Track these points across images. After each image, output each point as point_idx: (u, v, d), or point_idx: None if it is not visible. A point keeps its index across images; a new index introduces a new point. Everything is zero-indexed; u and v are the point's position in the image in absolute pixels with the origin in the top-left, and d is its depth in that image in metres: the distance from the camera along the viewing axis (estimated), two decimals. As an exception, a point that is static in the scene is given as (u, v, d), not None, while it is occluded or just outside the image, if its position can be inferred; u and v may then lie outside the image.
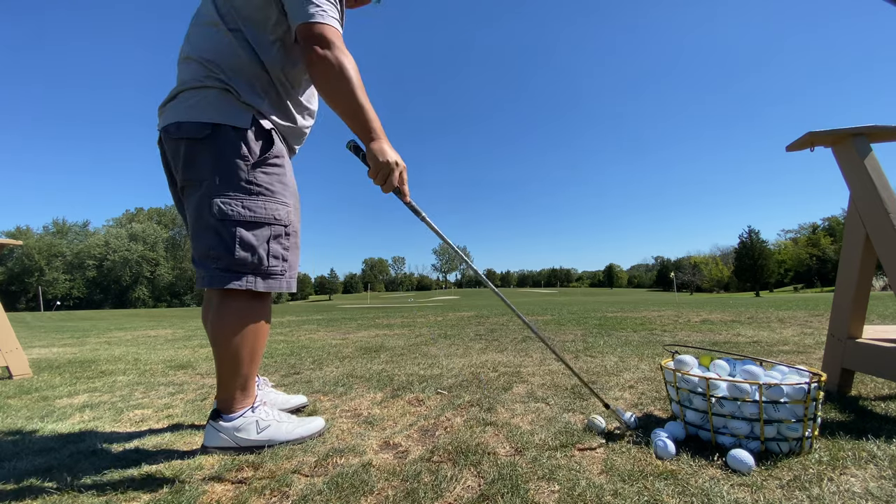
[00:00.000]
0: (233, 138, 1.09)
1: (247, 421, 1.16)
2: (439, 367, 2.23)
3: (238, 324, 1.13)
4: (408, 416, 1.42)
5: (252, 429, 1.16)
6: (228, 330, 1.12)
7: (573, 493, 0.85)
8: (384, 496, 0.87)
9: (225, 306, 1.12)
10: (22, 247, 48.72)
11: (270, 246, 1.13)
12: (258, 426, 1.17)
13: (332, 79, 1.07)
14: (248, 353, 1.15)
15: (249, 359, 1.16)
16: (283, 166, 1.18)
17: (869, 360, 1.36)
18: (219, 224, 1.08)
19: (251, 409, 1.19)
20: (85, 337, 5.30)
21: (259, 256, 1.11)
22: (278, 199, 1.15)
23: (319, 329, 5.02)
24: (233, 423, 1.15)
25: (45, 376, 2.40)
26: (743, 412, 1.03)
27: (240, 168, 1.09)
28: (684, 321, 4.31)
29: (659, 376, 1.83)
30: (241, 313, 1.13)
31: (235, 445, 1.14)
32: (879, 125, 1.37)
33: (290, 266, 1.19)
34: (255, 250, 1.10)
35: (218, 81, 1.10)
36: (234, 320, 1.12)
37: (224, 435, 1.14)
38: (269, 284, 1.13)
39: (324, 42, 1.06)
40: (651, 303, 10.25)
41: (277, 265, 1.15)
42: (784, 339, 2.87)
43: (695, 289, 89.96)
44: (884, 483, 0.85)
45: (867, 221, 1.36)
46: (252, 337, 1.15)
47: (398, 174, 1.12)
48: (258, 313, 1.16)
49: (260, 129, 1.13)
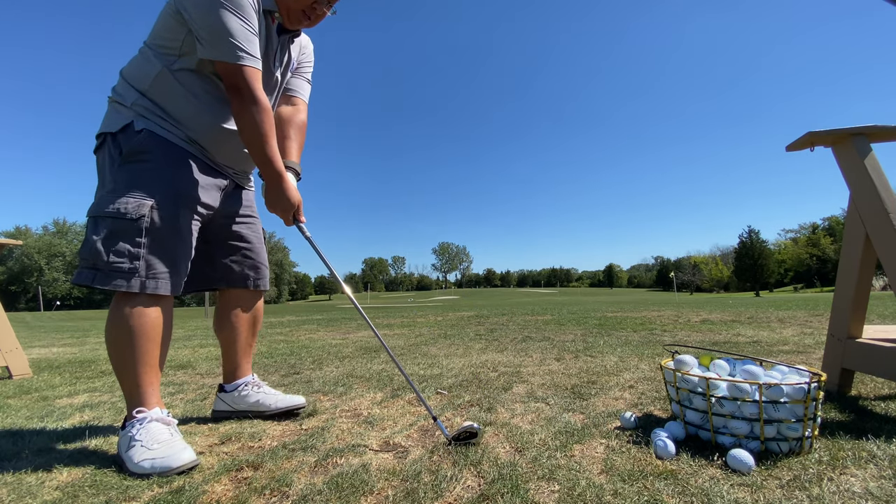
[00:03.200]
0: (109, 143, 1.18)
1: (125, 435, 1.09)
2: (439, 367, 2.23)
3: (110, 326, 1.12)
4: (408, 416, 1.42)
5: (124, 443, 1.08)
6: (106, 330, 1.13)
7: (573, 493, 0.85)
8: (384, 496, 0.87)
9: (111, 308, 1.13)
10: (22, 247, 48.68)
11: (113, 242, 1.09)
12: (128, 443, 1.07)
13: (246, 131, 1.17)
14: (120, 359, 1.12)
15: (123, 365, 1.12)
16: (148, 161, 1.14)
17: (869, 360, 1.36)
18: (88, 223, 1.14)
19: (138, 421, 1.10)
20: (85, 337, 5.30)
21: (96, 251, 1.08)
22: (134, 195, 1.11)
23: (319, 329, 5.03)
24: (122, 433, 1.11)
25: (45, 376, 2.41)
26: (743, 412, 1.03)
27: (107, 170, 1.17)
28: (684, 321, 4.31)
29: (659, 376, 1.83)
30: (113, 315, 1.12)
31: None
32: (879, 125, 1.37)
33: (149, 266, 1.11)
34: (94, 245, 1.09)
35: (113, 92, 1.22)
36: (108, 322, 1.13)
37: (120, 442, 1.10)
38: (115, 283, 1.08)
39: (245, 93, 1.14)
40: (651, 303, 10.25)
41: (123, 263, 1.09)
42: (784, 339, 2.87)
43: (695, 289, 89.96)
44: (884, 483, 0.85)
45: (867, 221, 1.36)
46: (121, 341, 1.11)
47: (291, 215, 1.28)
48: (128, 316, 1.10)
49: (131, 131, 1.16)
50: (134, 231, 1.10)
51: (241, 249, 1.43)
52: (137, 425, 1.09)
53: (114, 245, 1.09)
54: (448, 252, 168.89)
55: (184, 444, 1.07)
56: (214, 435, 1.29)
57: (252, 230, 1.47)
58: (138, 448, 1.05)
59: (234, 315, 1.46)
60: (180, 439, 1.10)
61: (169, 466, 1.01)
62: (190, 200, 1.20)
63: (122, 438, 1.09)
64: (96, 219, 1.12)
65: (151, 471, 1.00)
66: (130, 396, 1.14)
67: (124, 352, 1.11)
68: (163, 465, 1.01)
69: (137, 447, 1.05)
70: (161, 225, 1.13)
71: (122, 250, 1.09)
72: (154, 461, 1.01)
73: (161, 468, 1.00)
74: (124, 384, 1.14)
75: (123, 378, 1.13)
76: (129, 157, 1.14)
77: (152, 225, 1.12)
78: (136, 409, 1.12)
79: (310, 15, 1.31)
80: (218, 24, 1.10)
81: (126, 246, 1.09)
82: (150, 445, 1.05)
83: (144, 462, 1.02)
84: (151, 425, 1.09)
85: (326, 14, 1.35)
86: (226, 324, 1.46)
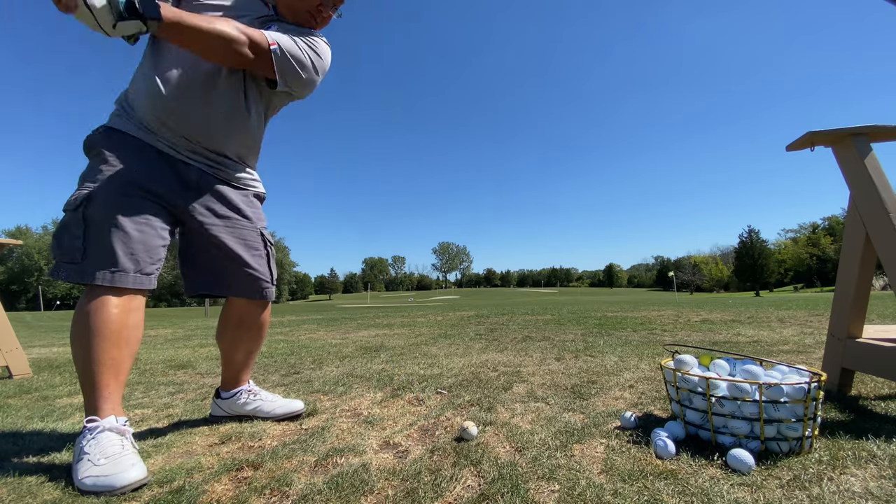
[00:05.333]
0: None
1: (76, 444, 1.03)
2: (439, 367, 2.23)
3: (72, 321, 1.09)
4: (408, 415, 1.42)
5: (75, 454, 1.01)
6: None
7: (573, 492, 0.85)
8: (384, 496, 0.87)
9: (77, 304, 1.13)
10: (22, 247, 48.68)
11: (61, 234, 1.09)
12: (78, 455, 1.00)
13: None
14: (76, 357, 1.07)
15: (79, 364, 1.07)
16: (95, 156, 1.16)
17: (869, 359, 1.36)
18: None
19: (89, 431, 1.02)
20: (85, 337, 5.29)
21: (53, 244, 1.10)
22: (79, 189, 1.11)
23: (319, 329, 5.03)
24: (76, 442, 1.05)
25: (45, 376, 2.40)
26: (743, 412, 1.03)
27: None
28: (684, 321, 4.31)
29: (659, 376, 1.83)
30: (76, 310, 1.09)
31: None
32: (879, 125, 1.37)
33: (96, 256, 1.07)
34: (53, 239, 1.11)
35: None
36: (72, 318, 1.10)
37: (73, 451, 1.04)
38: (64, 274, 1.08)
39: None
40: (651, 302, 10.25)
41: (71, 253, 1.07)
42: (784, 338, 2.87)
43: (695, 288, 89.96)
44: (884, 483, 0.85)
45: (867, 221, 1.36)
46: (76, 337, 1.07)
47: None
48: (86, 312, 1.06)
49: (97, 135, 1.18)
50: (75, 222, 1.08)
51: (225, 254, 1.29)
52: (88, 435, 1.01)
53: (62, 236, 1.09)
54: (448, 252, 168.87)
55: (133, 460, 0.98)
56: (214, 435, 1.29)
57: (233, 233, 1.30)
58: (84, 462, 0.96)
59: (234, 324, 1.39)
60: (132, 453, 1.01)
61: (111, 486, 0.91)
62: (130, 186, 1.12)
63: (75, 448, 1.02)
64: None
65: (94, 489, 0.92)
66: (86, 401, 1.06)
67: (79, 350, 1.06)
68: (105, 483, 0.92)
69: (84, 461, 0.97)
70: (101, 214, 1.08)
71: (67, 241, 1.08)
72: (97, 479, 0.93)
73: (103, 486, 0.92)
74: (82, 387, 1.07)
75: (81, 379, 1.07)
76: (87, 157, 1.18)
77: (90, 214, 1.08)
78: (88, 417, 1.04)
79: (315, 17, 1.30)
80: None
81: (70, 237, 1.08)
82: (96, 460, 0.96)
83: (87, 479, 0.93)
84: (102, 436, 1.01)
85: (332, 17, 1.35)
86: (224, 333, 1.40)
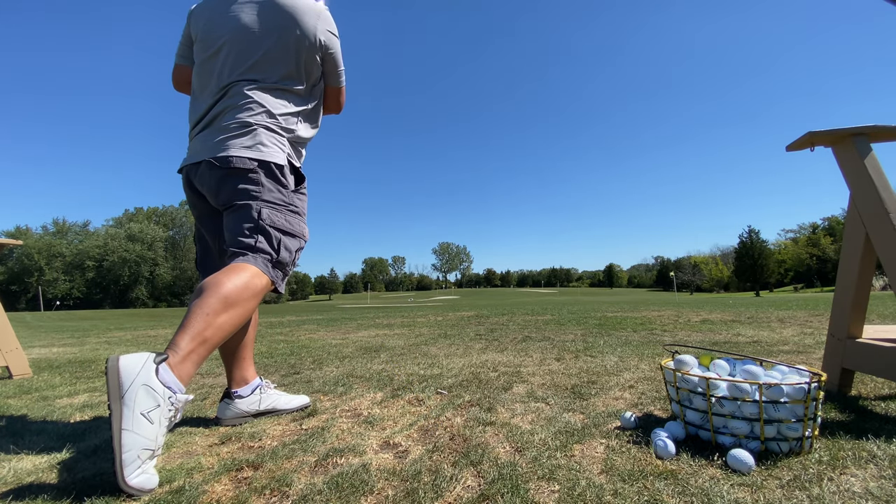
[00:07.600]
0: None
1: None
2: (439, 367, 2.23)
3: (250, 300, 1.19)
4: (408, 415, 1.42)
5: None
6: (242, 300, 1.16)
7: (573, 492, 0.85)
8: (384, 496, 0.87)
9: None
10: (22, 247, 48.65)
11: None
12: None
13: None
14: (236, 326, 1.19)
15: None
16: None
17: (869, 359, 1.36)
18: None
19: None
20: (85, 337, 5.30)
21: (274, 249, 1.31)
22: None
23: (319, 329, 5.02)
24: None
25: (45, 376, 2.40)
26: (743, 412, 1.03)
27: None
28: (684, 321, 4.31)
29: (659, 376, 1.83)
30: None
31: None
32: (879, 125, 1.37)
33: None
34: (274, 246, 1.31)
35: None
36: (248, 295, 1.18)
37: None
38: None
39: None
40: (651, 303, 10.25)
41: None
42: (784, 338, 2.87)
43: (695, 289, 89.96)
44: (884, 483, 0.85)
45: (867, 221, 1.36)
46: (245, 314, 1.19)
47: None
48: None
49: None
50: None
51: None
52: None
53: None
54: (448, 252, 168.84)
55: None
56: (214, 435, 1.29)
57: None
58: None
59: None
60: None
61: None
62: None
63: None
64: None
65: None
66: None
67: (240, 321, 1.22)
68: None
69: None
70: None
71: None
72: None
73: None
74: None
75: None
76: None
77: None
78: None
79: None
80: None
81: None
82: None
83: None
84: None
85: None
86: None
